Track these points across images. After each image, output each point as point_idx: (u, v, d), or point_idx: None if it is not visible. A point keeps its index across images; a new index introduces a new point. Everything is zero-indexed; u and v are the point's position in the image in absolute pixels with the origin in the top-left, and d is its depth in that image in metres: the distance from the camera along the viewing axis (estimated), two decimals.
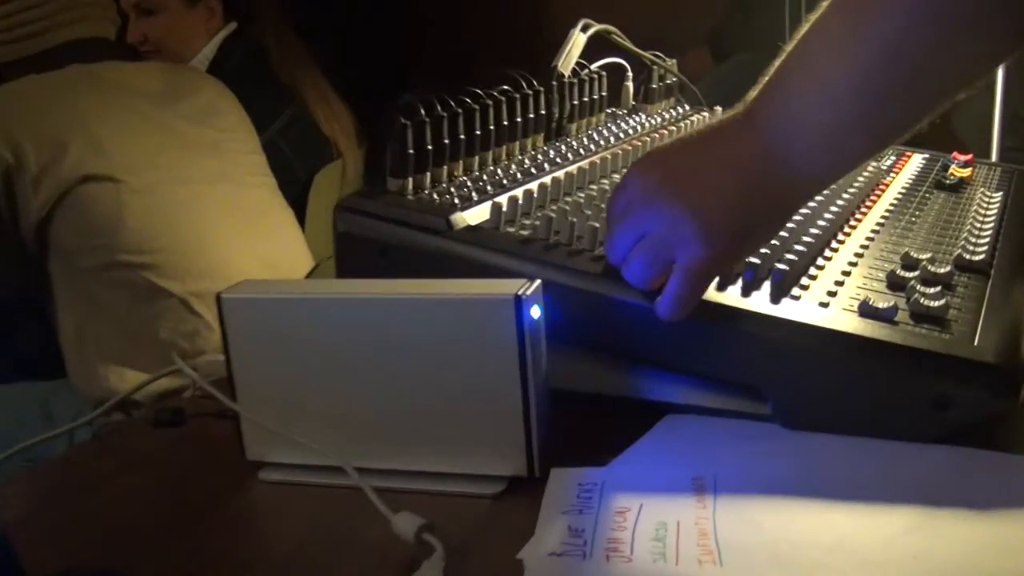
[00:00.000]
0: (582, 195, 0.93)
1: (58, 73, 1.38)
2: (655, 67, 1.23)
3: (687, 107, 1.31)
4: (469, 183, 0.89)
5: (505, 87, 1.00)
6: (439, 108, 0.89)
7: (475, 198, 0.86)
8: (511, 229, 0.82)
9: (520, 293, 0.64)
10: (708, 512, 0.58)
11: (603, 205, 0.85)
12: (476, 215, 0.84)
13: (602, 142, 1.09)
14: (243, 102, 1.58)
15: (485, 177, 0.92)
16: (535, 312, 0.65)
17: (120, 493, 0.71)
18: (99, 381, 1.31)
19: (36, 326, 1.39)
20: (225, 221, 1.40)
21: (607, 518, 0.59)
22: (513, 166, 0.96)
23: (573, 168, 0.98)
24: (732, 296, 0.73)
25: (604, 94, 1.19)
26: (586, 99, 1.13)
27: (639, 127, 1.17)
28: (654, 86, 1.27)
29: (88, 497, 0.71)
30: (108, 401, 0.94)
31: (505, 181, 0.91)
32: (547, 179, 0.93)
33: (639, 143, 1.10)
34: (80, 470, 0.76)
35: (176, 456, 0.78)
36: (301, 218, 1.67)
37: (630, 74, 1.26)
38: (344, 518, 0.65)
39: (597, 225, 0.79)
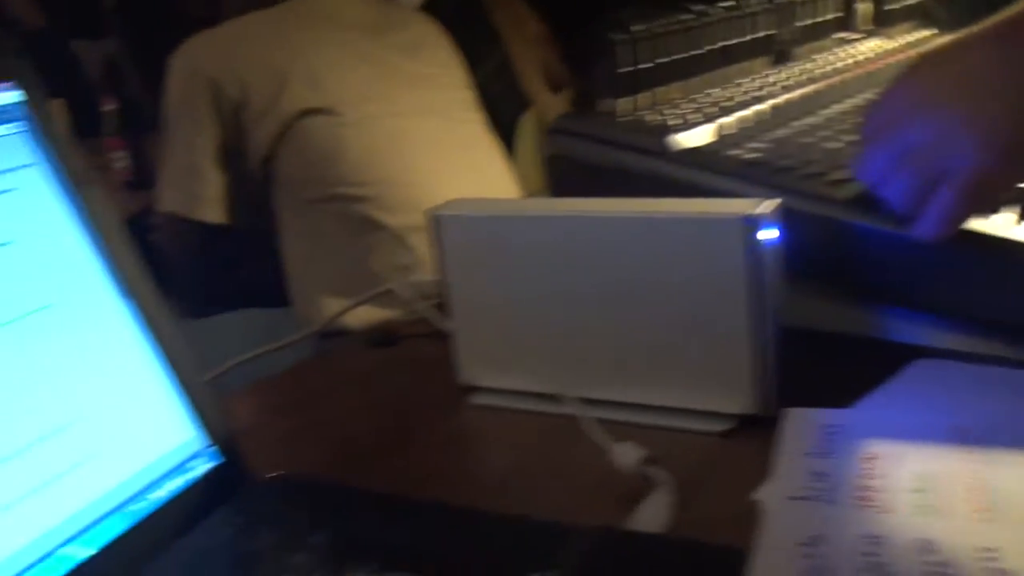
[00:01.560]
0: (813, 119, 0.84)
1: (276, 8, 1.41)
2: None
3: (933, 30, 1.18)
4: (686, 106, 0.83)
5: (728, 2, 0.92)
6: (653, 25, 0.83)
7: (693, 121, 0.80)
8: (734, 152, 0.75)
9: (753, 212, 0.58)
10: (976, 464, 0.51)
11: (841, 127, 0.77)
12: (694, 138, 0.78)
13: (835, 66, 0.99)
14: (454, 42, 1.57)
15: (703, 100, 0.85)
16: (770, 234, 0.59)
17: (334, 410, 0.72)
18: (319, 310, 1.34)
19: (263, 257, 1.45)
20: (437, 155, 1.40)
21: (853, 463, 0.52)
22: (733, 90, 0.89)
23: (801, 92, 0.89)
24: (1003, 225, 0.63)
25: (835, 15, 1.08)
26: (815, 20, 1.03)
27: (875, 52, 1.06)
28: (894, 7, 1.14)
29: (305, 412, 0.72)
30: (330, 331, 0.96)
31: (725, 104, 0.84)
32: (773, 103, 0.84)
33: (877, 67, 0.99)
34: (298, 386, 0.78)
35: (388, 377, 0.77)
36: None
37: None
38: (558, 447, 0.62)
39: (841, 145, 0.71)
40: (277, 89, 1.33)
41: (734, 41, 0.92)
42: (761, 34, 0.94)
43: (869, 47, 1.06)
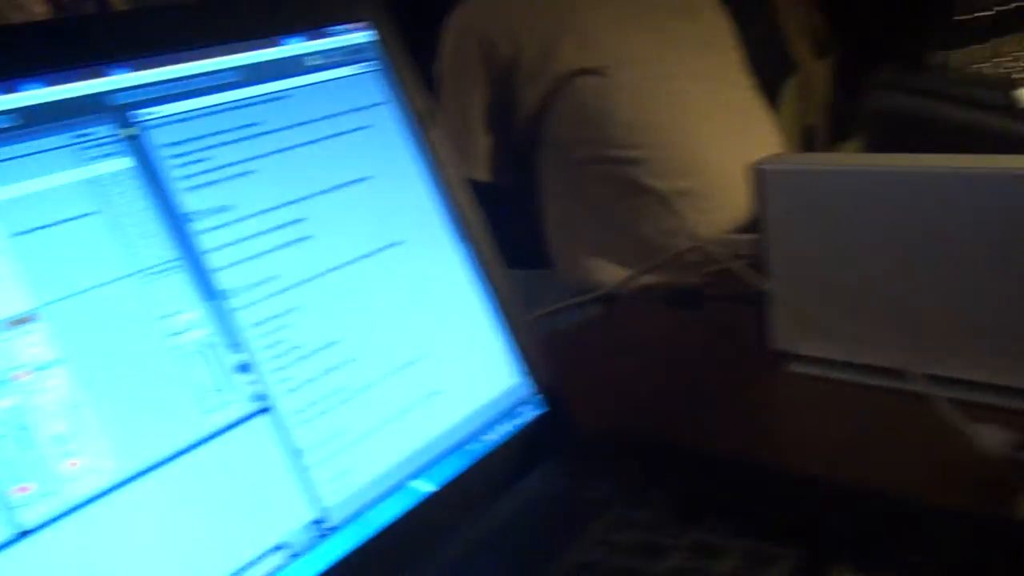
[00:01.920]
0: None
1: None
2: None
3: None
4: None
5: None
6: None
7: None
8: None
9: None
10: None
11: None
12: None
13: None
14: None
15: None
16: None
17: (634, 369, 0.69)
18: (580, 272, 1.33)
19: (524, 217, 1.45)
20: (709, 119, 1.35)
21: None
22: None
23: None
24: None
25: None
26: None
27: None
28: None
29: (601, 369, 0.70)
30: (586, 291, 0.94)
31: None
32: None
33: None
34: (591, 345, 0.76)
35: (689, 338, 0.74)
36: None
37: None
38: (897, 422, 0.56)
39: None
40: (550, 49, 1.32)
41: None
42: None
43: None
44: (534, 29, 1.34)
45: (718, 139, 1.34)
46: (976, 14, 0.71)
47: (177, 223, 0.41)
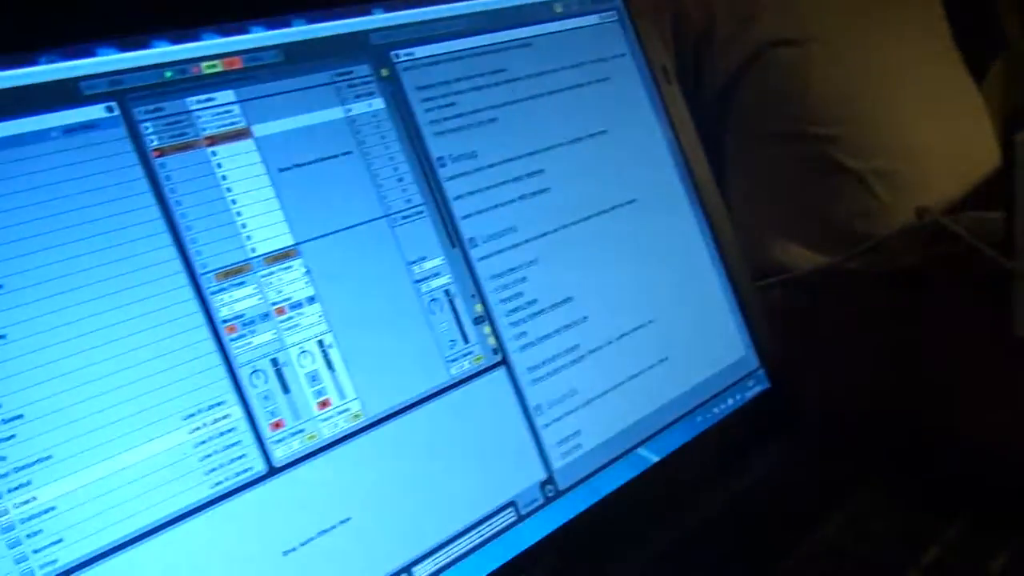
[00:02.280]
0: None
1: None
2: None
3: None
4: None
5: None
6: None
7: None
8: None
9: None
10: None
11: None
12: None
13: None
14: None
15: None
16: None
17: (851, 351, 0.65)
18: (763, 251, 1.28)
19: None
20: (912, 96, 1.26)
21: None
22: None
23: None
24: None
25: None
26: None
27: None
28: None
29: (820, 350, 0.66)
30: (766, 271, 0.89)
31: None
32: None
33: None
34: (807, 324, 0.72)
35: (918, 321, 0.69)
36: None
37: None
38: None
39: None
40: (747, 18, 1.26)
41: None
42: None
43: None
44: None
45: (921, 118, 1.25)
46: None
47: (426, 168, 0.40)
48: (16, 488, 0.29)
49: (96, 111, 0.32)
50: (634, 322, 0.47)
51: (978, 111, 1.36)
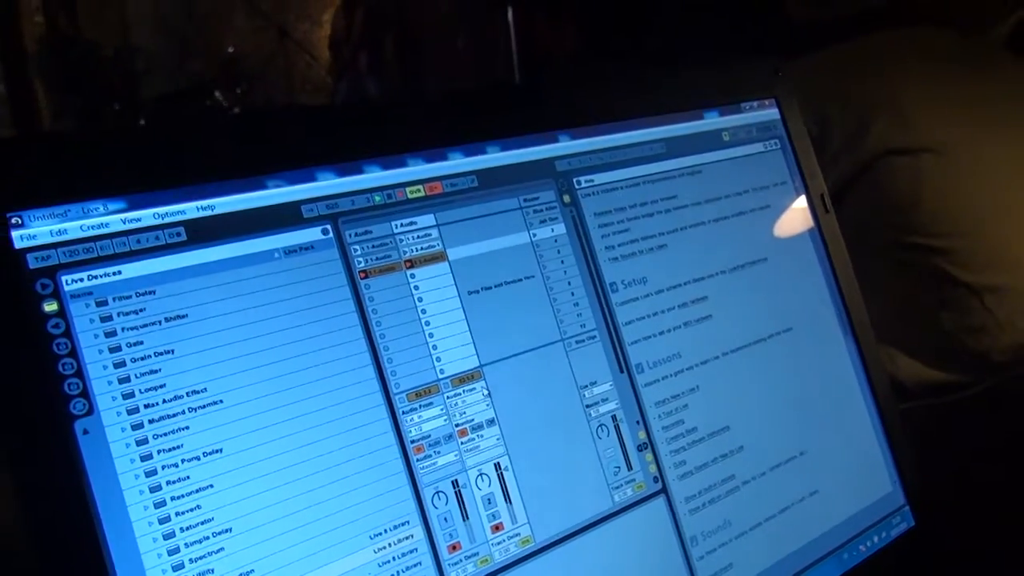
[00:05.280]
0: None
1: (861, 40, 1.34)
2: None
3: None
4: None
5: None
6: None
7: None
8: None
9: None
10: None
11: None
12: None
13: None
14: None
15: None
16: None
17: (983, 478, 0.63)
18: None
19: None
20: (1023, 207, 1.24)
21: None
22: None
23: None
24: None
25: None
26: None
27: None
28: None
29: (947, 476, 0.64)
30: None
31: None
32: None
33: None
34: (936, 449, 0.70)
35: None
36: None
37: None
38: None
39: None
40: (863, 127, 1.26)
41: None
42: None
43: None
44: (847, 107, 1.28)
45: None
46: None
47: (600, 292, 0.41)
48: None
49: (314, 233, 0.34)
50: (787, 453, 0.46)
51: None
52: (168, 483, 0.29)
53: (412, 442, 0.34)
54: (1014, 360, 1.11)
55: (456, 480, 0.35)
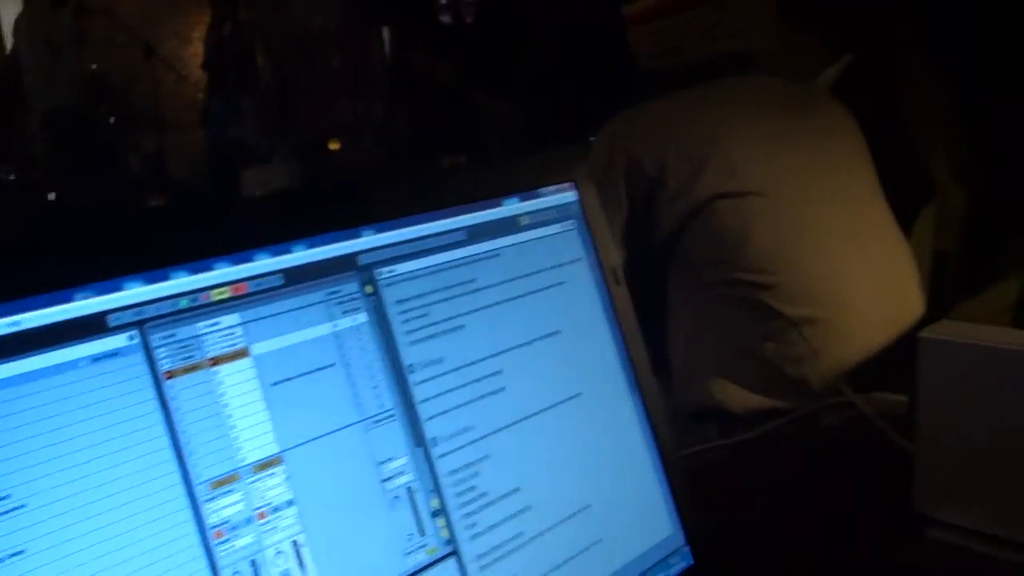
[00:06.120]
0: None
1: (696, 89, 1.42)
2: None
3: None
4: None
5: None
6: None
7: None
8: None
9: None
10: None
11: None
12: None
13: None
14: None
15: None
16: None
17: (763, 514, 0.71)
18: (701, 390, 1.34)
19: (646, 331, 1.47)
20: (842, 246, 1.35)
21: None
22: None
23: None
24: None
25: None
26: None
27: None
28: None
29: (736, 505, 0.72)
30: (705, 411, 0.95)
31: None
32: None
33: None
34: (719, 486, 0.77)
35: (828, 483, 0.75)
36: None
37: None
38: None
39: None
40: (695, 172, 1.34)
41: None
42: None
43: None
44: (681, 151, 1.36)
45: (851, 268, 1.34)
46: None
47: (399, 374, 0.45)
48: None
49: (120, 340, 0.37)
50: (573, 507, 0.52)
51: (905, 259, 1.46)
52: None
53: (212, 527, 0.38)
54: (829, 386, 1.22)
55: (255, 560, 0.39)
